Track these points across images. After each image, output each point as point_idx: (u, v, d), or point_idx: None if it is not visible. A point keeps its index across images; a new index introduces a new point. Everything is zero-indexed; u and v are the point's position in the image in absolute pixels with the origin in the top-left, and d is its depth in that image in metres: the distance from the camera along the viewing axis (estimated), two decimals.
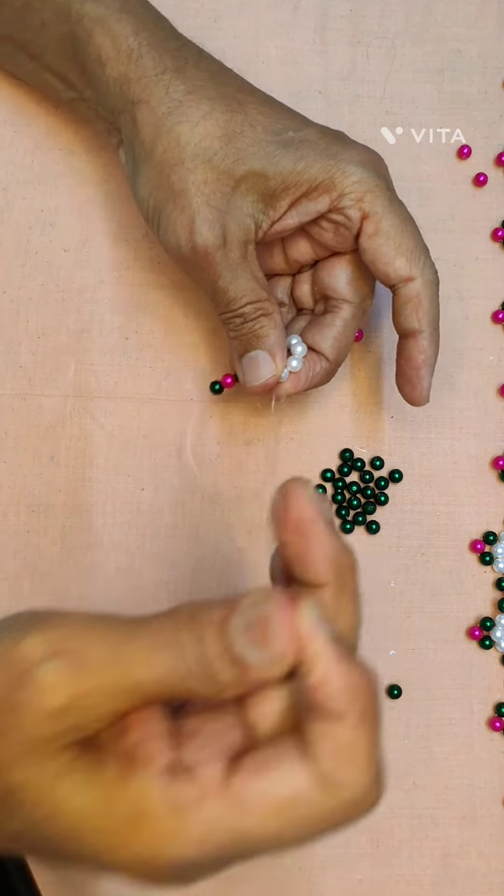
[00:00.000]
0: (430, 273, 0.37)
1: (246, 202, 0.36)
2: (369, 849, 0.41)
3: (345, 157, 0.36)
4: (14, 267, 0.44)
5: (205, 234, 0.35)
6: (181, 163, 0.35)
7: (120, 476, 0.43)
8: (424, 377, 0.38)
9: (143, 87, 0.36)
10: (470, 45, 0.46)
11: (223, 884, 0.40)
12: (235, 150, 0.35)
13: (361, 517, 0.43)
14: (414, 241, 0.36)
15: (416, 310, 0.37)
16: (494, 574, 0.43)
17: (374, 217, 0.36)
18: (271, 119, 0.36)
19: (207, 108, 0.35)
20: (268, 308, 0.37)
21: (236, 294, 0.36)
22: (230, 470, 0.43)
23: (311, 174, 0.35)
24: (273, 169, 0.35)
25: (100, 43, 0.36)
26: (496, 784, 0.41)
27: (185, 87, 0.36)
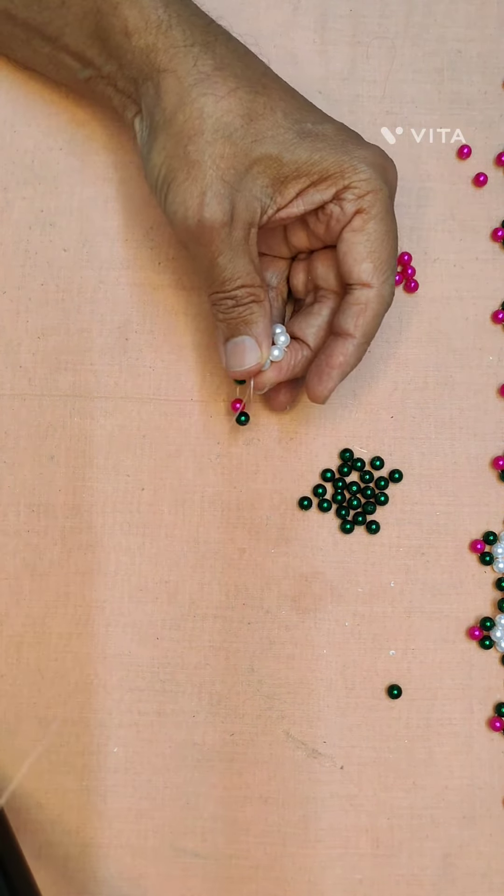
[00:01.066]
0: (386, 290, 0.38)
1: (256, 185, 0.36)
2: (369, 849, 0.41)
3: (358, 154, 0.36)
4: (14, 267, 0.44)
5: (214, 207, 0.35)
6: (201, 134, 0.35)
7: (120, 476, 0.43)
8: (333, 378, 0.38)
9: (172, 56, 0.36)
10: (470, 45, 0.46)
11: (223, 884, 0.40)
12: (255, 130, 0.35)
13: (361, 517, 0.43)
14: (388, 254, 0.37)
15: (359, 315, 0.37)
16: (494, 574, 0.43)
17: (366, 216, 0.37)
18: (293, 107, 0.37)
19: (234, 84, 0.36)
20: (260, 295, 0.38)
21: (232, 274, 0.37)
22: (230, 470, 0.43)
23: (325, 166, 0.36)
24: (289, 156, 0.36)
25: (126, 14, 0.36)
26: (496, 784, 0.41)
27: (213, 62, 0.36)
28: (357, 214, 0.37)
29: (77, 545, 0.42)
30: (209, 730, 0.42)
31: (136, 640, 0.42)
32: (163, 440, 0.43)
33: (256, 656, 0.42)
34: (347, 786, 0.41)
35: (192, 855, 0.41)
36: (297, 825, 0.41)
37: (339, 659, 0.42)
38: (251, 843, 0.41)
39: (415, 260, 0.45)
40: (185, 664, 0.42)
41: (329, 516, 0.43)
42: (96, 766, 0.41)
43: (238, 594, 0.42)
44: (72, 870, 0.40)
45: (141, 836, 0.41)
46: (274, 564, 0.43)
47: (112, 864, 0.41)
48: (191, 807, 0.41)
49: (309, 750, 0.41)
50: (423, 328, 0.44)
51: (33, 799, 0.41)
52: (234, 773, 0.41)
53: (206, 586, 0.42)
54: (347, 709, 0.42)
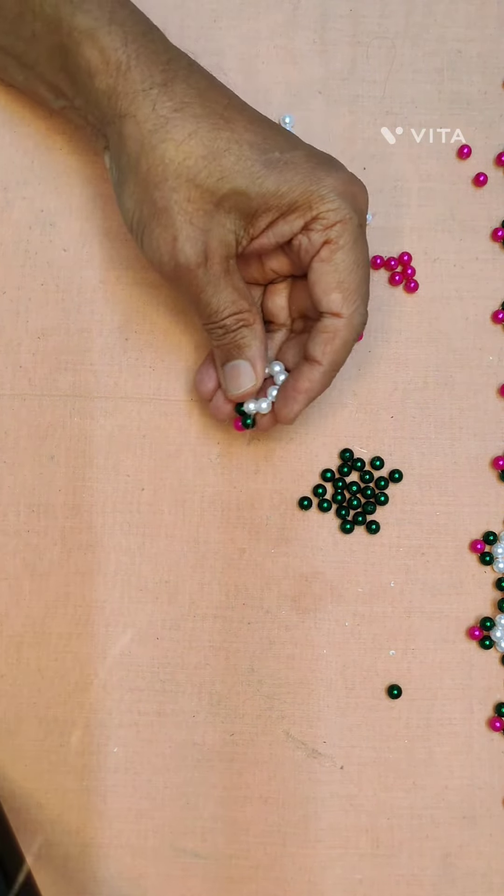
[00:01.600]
0: (357, 319, 0.38)
1: (229, 220, 0.36)
2: (369, 849, 0.41)
3: (327, 183, 0.36)
4: (14, 267, 0.44)
5: (187, 251, 0.36)
6: (164, 181, 0.35)
7: (120, 476, 0.43)
8: (299, 402, 0.39)
9: (131, 100, 0.36)
10: (470, 45, 0.46)
11: (224, 884, 0.40)
12: (219, 168, 0.35)
13: (361, 517, 0.43)
14: (357, 284, 0.37)
15: (327, 343, 0.37)
16: (494, 574, 0.43)
17: (333, 246, 0.36)
18: (259, 137, 0.36)
19: (193, 126, 0.35)
20: (249, 319, 0.38)
21: (218, 307, 0.37)
22: (230, 470, 0.43)
23: (292, 197, 0.36)
24: (256, 189, 0.35)
25: (88, 55, 0.36)
26: (496, 784, 0.41)
27: (171, 104, 0.36)
28: (325, 245, 0.36)
29: (77, 545, 0.42)
30: (209, 730, 0.42)
31: (136, 640, 0.42)
32: (163, 440, 0.43)
33: (256, 656, 0.42)
34: (347, 786, 0.41)
35: (192, 855, 0.41)
36: (297, 825, 0.41)
37: (339, 659, 0.42)
38: (251, 843, 0.41)
39: (415, 260, 0.45)
40: (185, 664, 0.42)
41: (329, 516, 0.43)
42: (96, 766, 0.41)
43: (238, 594, 0.42)
44: (72, 870, 0.40)
45: (141, 836, 0.41)
46: (274, 564, 0.43)
47: (112, 864, 0.41)
48: (191, 807, 0.41)
49: (309, 750, 0.41)
50: (423, 328, 0.44)
51: (33, 799, 0.41)
52: (234, 773, 0.41)
53: (206, 586, 0.42)
54: (347, 709, 0.42)
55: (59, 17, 0.37)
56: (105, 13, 0.36)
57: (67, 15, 0.36)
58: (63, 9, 0.36)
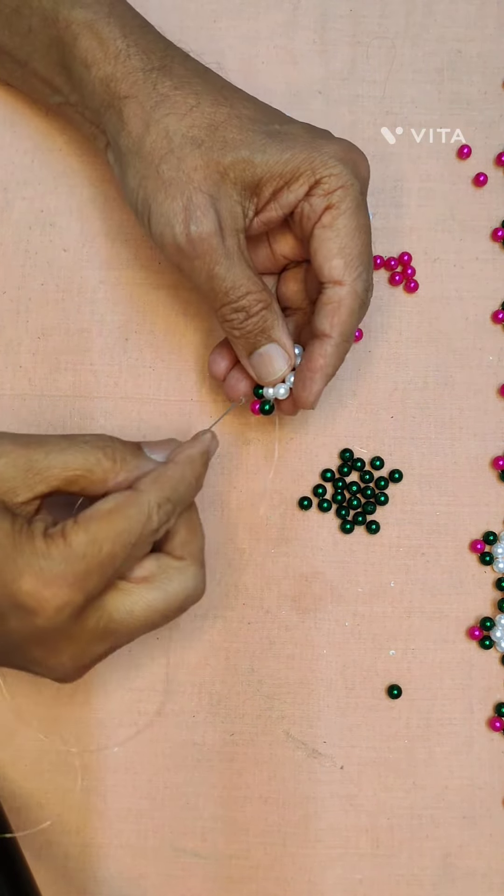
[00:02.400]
0: (360, 286, 0.37)
1: (235, 190, 0.36)
2: (369, 849, 0.41)
3: (328, 150, 0.36)
4: (14, 267, 0.44)
5: (200, 219, 0.35)
6: (170, 152, 0.35)
7: None
8: (317, 381, 0.37)
9: (132, 83, 0.36)
10: (470, 45, 0.46)
11: (224, 884, 0.40)
12: (222, 138, 0.36)
13: (361, 517, 0.43)
14: (359, 249, 0.36)
15: (333, 314, 0.36)
16: (494, 574, 0.43)
17: (335, 211, 0.36)
18: (258, 112, 0.37)
19: (194, 101, 0.36)
20: (268, 299, 0.37)
21: (234, 282, 0.36)
22: (230, 470, 0.43)
23: (295, 164, 0.36)
24: (260, 157, 0.36)
25: (86, 46, 0.37)
26: (496, 784, 0.41)
27: (171, 83, 0.36)
28: (326, 210, 0.36)
29: None
30: (209, 730, 0.42)
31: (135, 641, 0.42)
32: None
33: (256, 656, 0.42)
34: (347, 786, 0.41)
35: (192, 855, 0.41)
36: (297, 825, 0.41)
37: (339, 659, 0.42)
38: (251, 843, 0.41)
39: (415, 260, 0.45)
40: (185, 664, 0.42)
41: (329, 516, 0.43)
42: (96, 766, 0.41)
43: (238, 594, 0.42)
44: (72, 870, 0.40)
45: (141, 836, 0.41)
46: (274, 564, 0.43)
47: (112, 864, 0.41)
48: (191, 807, 0.41)
49: (309, 750, 0.41)
50: (423, 328, 0.44)
51: (33, 799, 0.41)
52: (234, 773, 0.41)
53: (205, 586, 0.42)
54: (347, 709, 0.42)
55: (57, 11, 0.37)
56: (104, 7, 0.37)
57: (66, 9, 0.37)
58: (62, 3, 0.37)
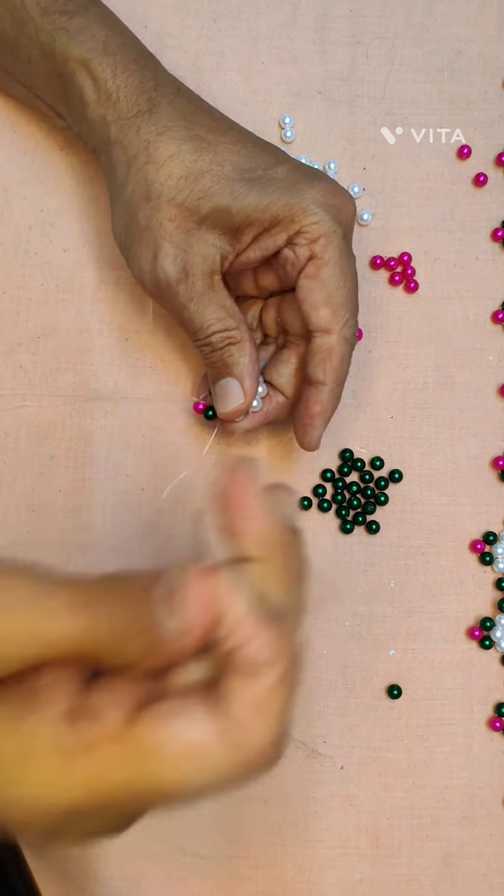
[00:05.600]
0: (348, 332, 0.37)
1: (211, 236, 0.36)
2: (369, 849, 0.41)
3: (309, 196, 0.36)
4: (14, 267, 0.44)
5: (166, 268, 0.36)
6: (147, 200, 0.36)
7: (120, 476, 0.43)
8: (317, 427, 0.38)
9: (119, 128, 0.37)
10: (470, 45, 0.46)
11: (223, 884, 0.40)
12: (201, 188, 0.36)
13: (361, 517, 0.43)
14: (344, 298, 0.37)
15: (324, 362, 0.37)
16: (494, 574, 0.43)
17: (319, 262, 0.36)
18: (242, 157, 0.37)
19: (175, 148, 0.36)
20: (236, 336, 0.38)
21: (202, 323, 0.37)
22: None
23: (274, 211, 0.36)
24: (237, 205, 0.36)
25: (82, 84, 0.37)
26: (496, 784, 0.41)
27: (155, 129, 0.36)
28: (310, 260, 0.36)
29: (77, 545, 0.42)
30: None
31: None
32: (163, 440, 0.43)
33: None
34: (347, 786, 0.41)
35: (192, 855, 0.41)
36: (297, 825, 0.41)
37: (339, 659, 0.42)
38: (251, 843, 0.41)
39: (415, 260, 0.45)
40: None
41: (329, 516, 0.43)
42: None
43: None
44: (72, 870, 0.40)
45: (141, 836, 0.41)
46: None
47: (112, 864, 0.41)
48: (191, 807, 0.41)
49: (309, 750, 0.41)
50: (423, 328, 0.44)
51: None
52: None
53: None
54: (347, 709, 0.42)
55: (54, 46, 0.37)
56: (99, 43, 0.37)
57: (62, 45, 0.37)
58: (58, 38, 0.37)
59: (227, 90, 0.45)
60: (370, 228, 0.45)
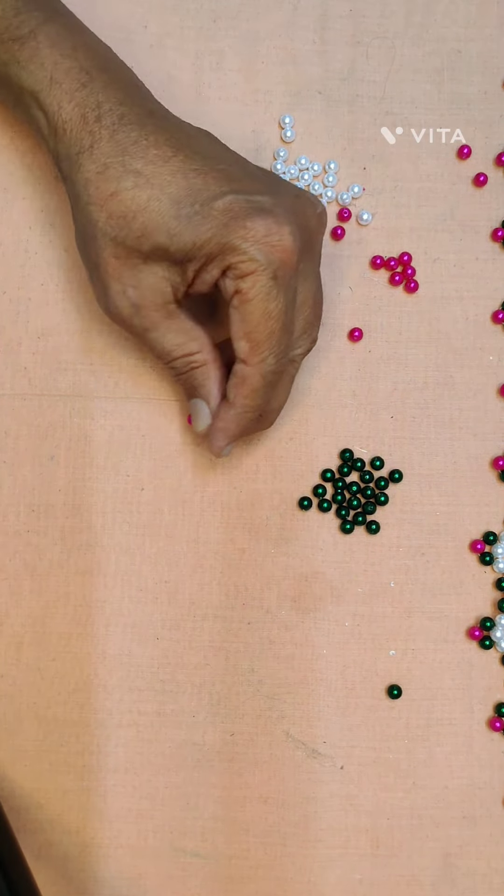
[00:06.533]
0: (266, 368, 0.37)
1: (160, 268, 0.37)
2: (369, 849, 0.41)
3: (240, 235, 0.35)
4: (14, 267, 0.44)
5: (116, 304, 0.38)
6: (94, 239, 0.37)
7: (120, 476, 0.43)
8: (219, 439, 0.39)
9: (68, 164, 0.37)
10: (470, 45, 0.46)
11: (223, 884, 0.40)
12: (139, 226, 0.36)
13: (361, 517, 0.43)
14: (265, 336, 0.36)
15: (237, 387, 0.38)
16: (494, 574, 0.43)
17: (242, 297, 0.36)
18: (180, 190, 0.36)
19: (114, 187, 0.36)
20: (198, 360, 0.38)
21: (163, 350, 0.38)
22: (230, 470, 0.43)
23: (207, 249, 0.36)
24: (174, 244, 0.36)
25: (37, 117, 0.38)
26: (496, 784, 0.41)
27: (94, 167, 0.36)
28: (235, 294, 0.36)
29: (77, 545, 0.42)
30: (209, 730, 0.42)
31: (136, 640, 0.42)
32: (163, 440, 0.43)
33: (256, 656, 0.42)
34: (347, 786, 0.41)
35: (192, 855, 0.41)
36: (297, 825, 0.41)
37: (339, 659, 0.42)
38: (251, 843, 0.41)
39: (415, 260, 0.45)
40: (185, 664, 0.42)
41: (329, 516, 0.43)
42: (96, 766, 0.41)
43: (238, 594, 0.42)
44: (72, 870, 0.40)
45: (141, 836, 0.41)
46: (274, 564, 0.43)
47: (112, 864, 0.41)
48: (191, 807, 0.41)
49: (309, 750, 0.41)
50: (423, 328, 0.44)
51: (33, 799, 0.41)
52: (234, 773, 0.41)
53: (205, 586, 0.42)
54: (347, 709, 0.42)
55: (9, 76, 0.38)
56: (46, 73, 0.37)
57: (15, 75, 0.38)
58: (11, 68, 0.38)
59: (227, 90, 0.45)
60: (370, 228, 0.45)
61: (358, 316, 0.45)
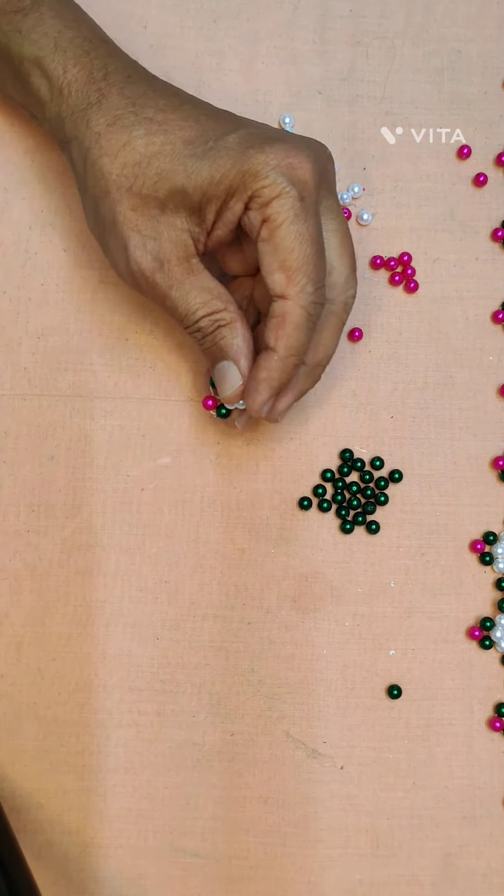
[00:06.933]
0: (305, 299, 0.35)
1: (178, 220, 0.36)
2: (369, 849, 0.41)
3: (260, 160, 0.34)
4: (14, 267, 0.44)
5: (139, 259, 0.36)
6: (107, 194, 0.36)
7: (120, 476, 0.43)
8: (261, 392, 0.37)
9: (73, 123, 0.37)
10: (470, 45, 0.46)
11: (224, 884, 0.40)
12: (155, 172, 0.35)
13: (361, 517, 0.43)
14: (301, 262, 0.35)
15: (276, 328, 0.36)
16: (494, 574, 0.43)
17: (271, 224, 0.35)
18: (193, 132, 0.36)
19: (125, 137, 0.36)
20: (225, 318, 0.37)
21: (187, 309, 0.37)
22: (230, 470, 0.43)
23: (227, 183, 0.35)
24: (192, 183, 0.35)
25: (38, 84, 0.37)
26: (496, 784, 0.41)
27: (104, 120, 0.36)
28: (264, 224, 0.35)
29: (77, 545, 0.42)
30: (209, 730, 0.42)
31: (136, 640, 0.42)
32: (163, 440, 0.43)
33: (256, 656, 0.42)
34: (347, 786, 0.41)
35: (192, 855, 0.41)
36: (297, 825, 0.41)
37: (339, 659, 0.42)
38: (251, 843, 0.41)
39: (415, 260, 0.45)
40: (185, 664, 0.42)
41: (329, 516, 0.43)
42: (96, 766, 0.41)
43: (238, 594, 0.42)
44: (72, 870, 0.40)
45: (141, 836, 0.41)
46: (274, 564, 0.43)
47: (112, 864, 0.41)
48: (191, 807, 0.41)
49: (309, 750, 0.41)
50: (423, 328, 0.44)
51: (33, 799, 0.41)
52: (234, 773, 0.41)
53: (205, 586, 0.42)
54: (347, 709, 0.42)
55: (9, 47, 0.38)
56: (50, 41, 0.37)
57: (16, 45, 0.37)
58: (13, 38, 0.37)
59: (227, 90, 0.45)
60: (370, 228, 0.45)
61: (358, 316, 0.44)
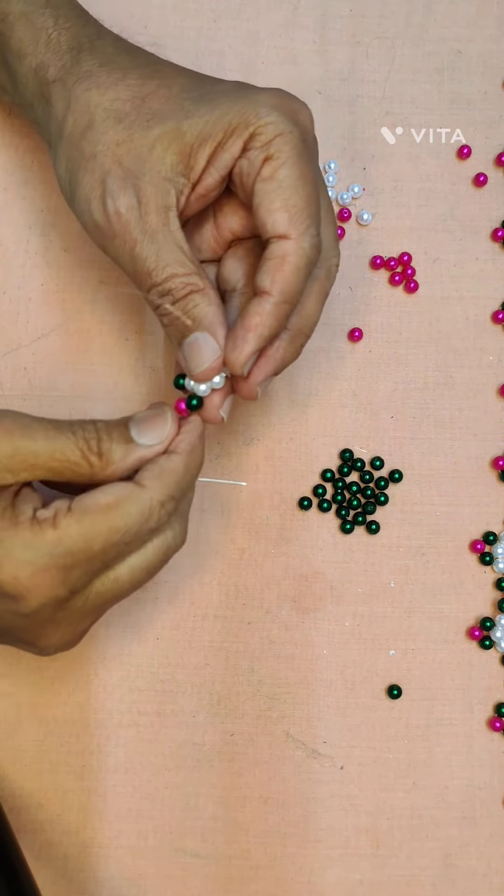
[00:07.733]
0: (307, 242, 0.33)
1: (164, 164, 0.33)
2: (369, 849, 0.41)
3: (260, 99, 0.33)
4: (14, 267, 0.44)
5: (116, 193, 0.33)
6: (91, 126, 0.33)
7: None
8: (249, 342, 0.33)
9: (59, 67, 0.35)
10: (470, 45, 0.46)
11: (224, 884, 0.40)
12: (149, 109, 0.33)
13: (361, 517, 0.43)
14: (304, 201, 0.33)
15: (276, 270, 0.33)
16: (494, 574, 0.43)
17: (275, 162, 0.33)
18: (190, 81, 0.35)
19: (119, 74, 0.34)
20: (198, 283, 0.33)
21: (156, 263, 0.33)
22: (230, 470, 0.43)
23: (227, 120, 0.33)
24: (189, 122, 0.33)
25: (20, 36, 0.36)
26: (496, 784, 0.41)
27: (97, 60, 0.35)
28: (266, 162, 0.33)
29: None
30: (209, 730, 0.42)
31: (136, 640, 0.42)
32: None
33: (256, 656, 0.42)
34: (347, 786, 0.41)
35: (192, 855, 0.41)
36: (297, 825, 0.41)
37: (339, 659, 0.42)
38: (251, 843, 0.41)
39: (415, 260, 0.45)
40: (185, 664, 0.42)
41: (329, 516, 0.43)
42: (96, 766, 0.41)
43: (238, 594, 0.42)
44: (72, 870, 0.40)
45: (141, 836, 0.41)
46: (274, 564, 0.43)
47: (112, 864, 0.41)
48: (191, 807, 0.41)
49: (309, 750, 0.41)
50: (423, 328, 0.44)
51: (33, 799, 0.41)
52: (234, 773, 0.41)
53: (206, 586, 0.42)
54: (347, 709, 0.42)
55: None
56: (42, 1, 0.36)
57: (3, 2, 0.36)
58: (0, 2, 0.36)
59: None
60: (370, 228, 0.45)
61: (358, 316, 0.44)
